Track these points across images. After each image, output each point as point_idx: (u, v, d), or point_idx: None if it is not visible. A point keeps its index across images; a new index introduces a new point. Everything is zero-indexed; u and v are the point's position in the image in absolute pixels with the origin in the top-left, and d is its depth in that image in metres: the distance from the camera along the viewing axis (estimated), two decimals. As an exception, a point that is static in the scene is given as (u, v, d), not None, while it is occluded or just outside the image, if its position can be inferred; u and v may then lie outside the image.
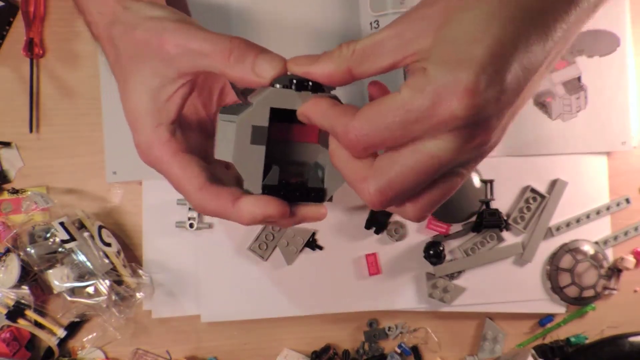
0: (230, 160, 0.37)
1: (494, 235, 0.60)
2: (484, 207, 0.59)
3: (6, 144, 0.57)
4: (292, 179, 0.39)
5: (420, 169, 0.32)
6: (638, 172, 0.62)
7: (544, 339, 0.63)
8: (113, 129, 0.57)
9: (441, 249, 0.58)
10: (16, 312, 0.55)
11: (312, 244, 0.58)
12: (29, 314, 0.56)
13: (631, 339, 0.61)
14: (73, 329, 0.58)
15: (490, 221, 0.58)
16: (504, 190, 0.60)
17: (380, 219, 0.58)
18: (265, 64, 0.36)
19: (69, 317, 0.57)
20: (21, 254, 0.54)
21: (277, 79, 0.36)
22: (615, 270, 0.62)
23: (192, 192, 0.39)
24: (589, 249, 0.60)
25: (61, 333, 0.57)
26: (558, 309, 0.61)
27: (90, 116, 0.58)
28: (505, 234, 0.60)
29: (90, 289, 0.55)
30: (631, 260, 0.61)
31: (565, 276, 0.60)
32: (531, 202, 0.60)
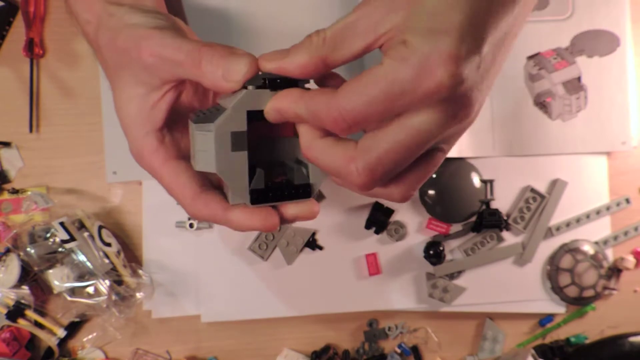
0: (213, 171, 0.36)
1: (494, 235, 0.60)
2: (484, 207, 0.59)
3: (6, 144, 0.57)
4: (277, 178, 0.38)
5: (407, 145, 0.31)
6: (638, 172, 0.62)
7: (544, 339, 0.63)
8: (113, 129, 0.57)
9: (441, 249, 0.58)
10: (16, 312, 0.55)
11: (312, 244, 0.58)
12: (29, 314, 0.56)
13: (631, 339, 0.61)
14: (73, 329, 0.58)
15: (490, 221, 0.58)
16: (504, 190, 0.60)
17: (380, 219, 0.58)
18: (233, 66, 0.34)
19: (69, 317, 0.57)
20: (21, 254, 0.54)
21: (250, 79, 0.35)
22: (615, 270, 0.62)
23: (184, 201, 0.39)
24: (589, 249, 0.60)
25: (61, 333, 0.57)
26: (558, 309, 0.61)
27: (90, 116, 0.58)
28: (505, 234, 0.60)
29: (90, 289, 0.55)
30: (631, 260, 0.61)
31: (565, 276, 0.60)
32: (531, 202, 0.60)
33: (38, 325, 0.57)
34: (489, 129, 0.58)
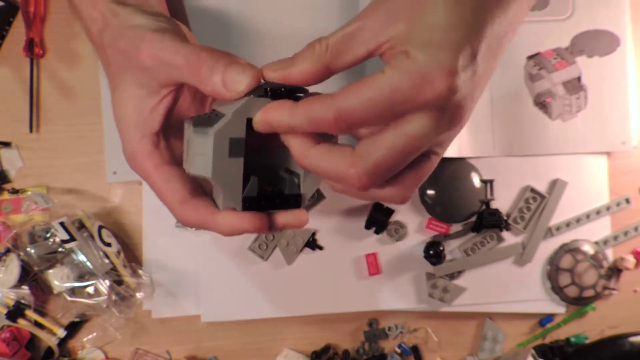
0: (208, 176, 0.36)
1: (494, 235, 0.60)
2: (484, 207, 0.59)
3: (6, 144, 0.58)
4: (268, 188, 0.38)
5: (403, 149, 0.33)
6: (638, 172, 0.62)
7: (544, 339, 0.63)
8: (113, 129, 0.56)
9: (441, 249, 0.58)
10: (16, 312, 0.55)
11: (312, 244, 0.58)
12: (29, 314, 0.56)
13: (631, 339, 0.61)
14: (73, 329, 0.58)
15: (490, 221, 0.58)
16: (504, 190, 0.60)
17: (380, 219, 0.58)
18: (235, 76, 0.35)
19: (69, 317, 0.57)
20: (21, 254, 0.54)
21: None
22: (615, 270, 0.62)
23: (172, 206, 0.39)
24: (589, 249, 0.60)
25: (61, 333, 0.57)
26: (558, 309, 0.61)
27: (90, 116, 0.58)
28: (505, 234, 0.60)
29: (90, 289, 0.55)
30: (631, 260, 0.61)
31: (565, 276, 0.60)
32: (531, 202, 0.60)
33: (38, 325, 0.57)
34: (489, 129, 0.58)
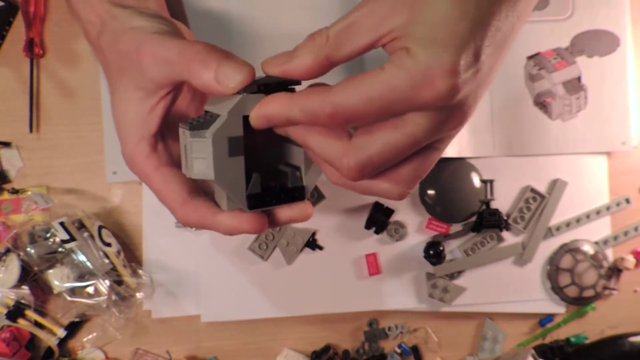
0: (211, 179, 0.35)
1: (494, 235, 0.60)
2: (484, 207, 0.59)
3: (6, 144, 0.58)
4: (271, 183, 0.38)
5: (399, 146, 0.32)
6: (638, 172, 0.62)
7: (544, 339, 0.63)
8: (113, 129, 0.56)
9: (441, 249, 0.58)
10: (16, 312, 0.55)
11: (312, 244, 0.58)
12: (29, 314, 0.56)
13: (631, 339, 0.61)
14: (73, 329, 0.58)
15: (490, 221, 0.58)
16: (504, 190, 0.60)
17: (380, 219, 0.58)
18: (229, 71, 0.34)
19: (69, 317, 0.57)
20: (21, 254, 0.54)
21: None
22: (615, 270, 0.62)
23: (173, 207, 0.39)
24: (589, 249, 0.60)
25: (61, 333, 0.57)
26: (558, 309, 0.61)
27: (90, 116, 0.58)
28: (505, 234, 0.60)
29: (90, 289, 0.55)
30: (631, 260, 0.61)
31: (565, 276, 0.60)
32: (531, 202, 0.60)
33: (38, 325, 0.57)
34: (489, 129, 0.58)
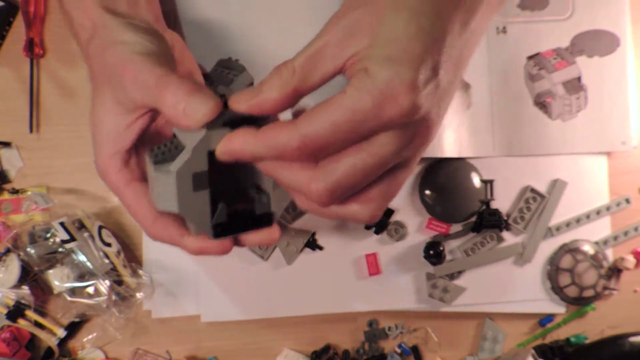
0: (175, 212, 0.35)
1: (494, 235, 0.60)
2: (484, 207, 0.59)
3: (6, 144, 0.57)
4: (239, 207, 0.38)
5: (366, 168, 0.32)
6: (638, 172, 0.62)
7: (544, 339, 0.63)
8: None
9: (441, 249, 0.58)
10: (16, 312, 0.55)
11: (312, 244, 0.58)
12: (29, 314, 0.56)
13: (631, 339, 0.61)
14: (73, 329, 0.58)
15: (490, 221, 0.58)
16: (504, 190, 0.60)
17: (380, 218, 0.58)
18: (195, 105, 0.33)
19: (69, 317, 0.57)
20: (21, 254, 0.54)
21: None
22: (615, 270, 0.62)
23: (143, 223, 0.40)
24: (589, 249, 0.60)
25: (61, 333, 0.57)
26: (558, 309, 0.61)
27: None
28: (505, 234, 0.60)
29: (90, 289, 0.55)
30: (631, 260, 0.61)
31: (565, 276, 0.60)
32: (531, 202, 0.60)
33: (38, 325, 0.57)
34: (489, 129, 0.58)
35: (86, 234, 0.54)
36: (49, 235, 0.54)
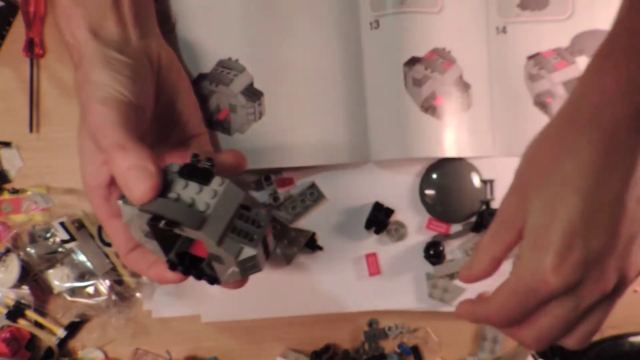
0: (140, 243, 0.42)
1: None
2: (484, 207, 0.59)
3: (6, 144, 0.58)
4: (198, 263, 0.43)
5: (556, 325, 0.39)
6: (638, 172, 0.62)
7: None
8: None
9: (441, 249, 0.58)
10: (16, 312, 0.55)
11: (312, 244, 0.58)
12: (29, 314, 0.56)
13: (631, 339, 0.61)
14: (73, 329, 0.58)
15: (490, 221, 0.57)
16: (504, 190, 0.59)
17: (380, 219, 0.58)
18: (134, 184, 0.36)
19: (69, 317, 0.57)
20: (21, 254, 0.54)
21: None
22: (615, 270, 0.62)
23: (119, 253, 0.45)
24: (589, 249, 0.60)
25: (61, 333, 0.57)
26: (558, 309, 0.61)
27: (90, 116, 0.58)
28: (505, 234, 0.60)
29: (90, 289, 0.55)
30: (631, 260, 0.61)
31: (565, 276, 0.60)
32: (531, 202, 0.59)
33: (38, 325, 0.57)
34: (489, 129, 0.58)
35: (86, 234, 0.54)
36: (49, 235, 0.54)
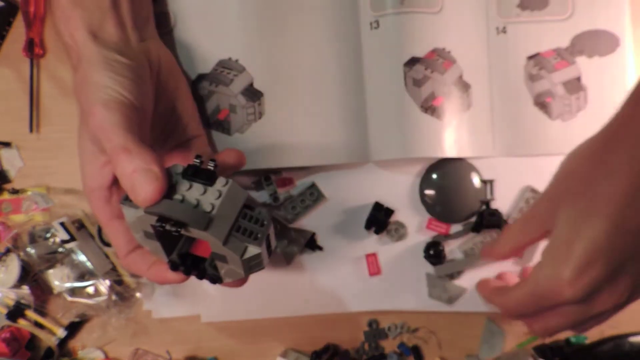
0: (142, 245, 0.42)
1: (494, 235, 0.60)
2: (484, 207, 0.59)
3: (6, 144, 0.58)
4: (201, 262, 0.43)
5: (564, 324, 0.42)
6: (638, 172, 0.62)
7: (544, 339, 0.63)
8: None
9: (441, 249, 0.58)
10: (16, 312, 0.55)
11: (312, 244, 0.58)
12: (29, 314, 0.56)
13: (631, 339, 0.61)
14: (73, 329, 0.58)
15: (490, 221, 0.58)
16: (504, 190, 0.60)
17: (380, 219, 0.58)
18: (139, 186, 0.36)
19: (69, 317, 0.57)
20: (21, 254, 0.54)
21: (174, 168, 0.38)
22: (615, 270, 0.62)
23: (119, 254, 0.45)
24: (589, 249, 0.60)
25: (61, 333, 0.57)
26: (558, 309, 0.62)
27: (90, 116, 0.57)
28: (505, 234, 0.60)
29: (90, 289, 0.55)
30: (631, 260, 0.61)
31: (565, 276, 0.60)
32: (531, 202, 0.59)
33: (38, 325, 0.57)
34: (489, 129, 0.58)
35: (86, 234, 0.54)
36: (49, 235, 0.54)
